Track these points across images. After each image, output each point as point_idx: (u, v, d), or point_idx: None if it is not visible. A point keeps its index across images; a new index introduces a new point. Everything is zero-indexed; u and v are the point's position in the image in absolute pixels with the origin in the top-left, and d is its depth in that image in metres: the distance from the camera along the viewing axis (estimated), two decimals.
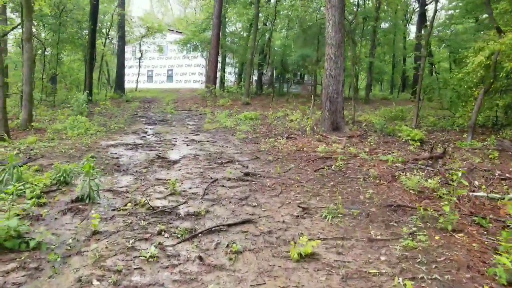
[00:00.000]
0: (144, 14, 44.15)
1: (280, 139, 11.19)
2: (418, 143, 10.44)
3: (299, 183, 6.98)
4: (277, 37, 35.60)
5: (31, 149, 8.47)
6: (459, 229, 5.04)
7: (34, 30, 21.59)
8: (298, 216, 5.49)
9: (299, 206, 5.82)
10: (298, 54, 24.93)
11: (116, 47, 29.55)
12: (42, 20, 20.82)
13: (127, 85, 41.84)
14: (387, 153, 9.20)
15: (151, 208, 5.33)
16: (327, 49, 12.90)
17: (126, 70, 43.78)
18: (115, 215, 5.02)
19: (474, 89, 12.25)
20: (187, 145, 10.75)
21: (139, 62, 35.11)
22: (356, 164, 8.22)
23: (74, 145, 9.51)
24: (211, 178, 7.16)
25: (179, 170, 7.80)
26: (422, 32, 27.34)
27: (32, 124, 12.11)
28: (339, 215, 5.50)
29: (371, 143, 10.49)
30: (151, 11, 56.45)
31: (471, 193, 6.48)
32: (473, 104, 11.84)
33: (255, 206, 5.78)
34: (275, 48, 33.03)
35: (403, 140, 11.02)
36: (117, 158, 8.59)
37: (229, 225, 4.97)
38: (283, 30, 32.78)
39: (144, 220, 4.89)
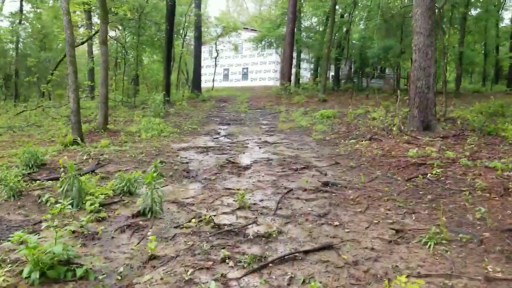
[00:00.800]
0: (219, 14, 44.79)
1: (362, 141, 9.99)
2: None
3: (389, 195, 5.86)
4: (355, 30, 33.65)
5: (101, 154, 8.40)
6: None
7: (117, 33, 22.66)
8: (390, 241, 4.44)
9: (391, 228, 4.75)
10: (379, 46, 23.07)
11: (193, 48, 30.05)
12: (123, 24, 21.66)
13: (204, 85, 42.85)
14: (493, 159, 7.59)
15: (217, 226, 4.65)
16: (415, 39, 11.34)
17: (203, 70, 44.85)
18: (176, 234, 4.42)
19: None
20: (260, 147, 10.06)
21: (215, 61, 35.52)
22: (457, 172, 6.81)
23: (145, 149, 9.32)
24: (285, 188, 6.34)
25: (250, 177, 7.10)
26: None
27: (108, 126, 12.33)
28: (444, 242, 4.35)
29: (472, 146, 8.82)
30: (227, 10, 57.29)
31: None
32: None
33: (336, 225, 4.83)
34: (353, 42, 31.21)
35: (510, 142, 9.20)
36: (187, 163, 8.17)
37: (306, 252, 4.10)
38: (362, 22, 30.81)
39: (207, 242, 4.22)
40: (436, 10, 11.98)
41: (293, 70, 29.66)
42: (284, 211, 5.28)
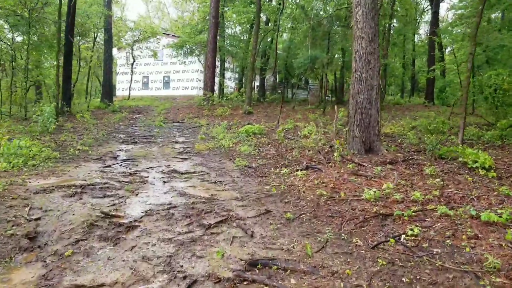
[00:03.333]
0: (138, 18, 40.80)
1: (297, 170, 7.61)
2: (494, 174, 6.91)
3: (356, 286, 3.45)
4: (280, 40, 32.12)
5: None
6: None
7: None
8: None
9: None
10: (305, 55, 21.46)
11: (103, 52, 26.05)
12: (9, 20, 17.36)
13: (121, 93, 38.35)
14: (470, 200, 5.63)
15: None
16: (355, 45, 9.39)
17: (120, 77, 40.34)
18: None
19: None
20: (164, 182, 7.21)
21: (131, 68, 31.68)
22: (441, 231, 4.57)
23: None
24: (185, 275, 3.63)
25: (133, 248, 4.26)
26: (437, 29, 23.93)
27: None
28: None
29: (433, 177, 6.86)
30: (147, 15, 53.10)
31: None
32: None
33: None
34: (278, 52, 29.56)
35: (469, 168, 7.49)
36: (37, 219, 5.06)
37: None
38: (287, 31, 29.31)
39: None
40: None
41: (217, 80, 27.07)
42: None
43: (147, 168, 8.44)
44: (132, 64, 31.54)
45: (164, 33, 35.89)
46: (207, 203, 5.81)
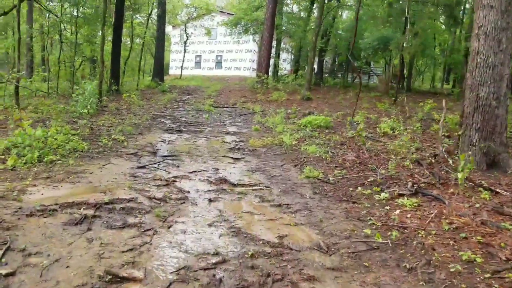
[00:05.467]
0: None
1: (400, 195, 5.11)
2: None
3: None
4: (341, 21, 28.78)
5: None
6: None
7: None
8: None
9: None
10: (375, 36, 18.32)
11: (156, 28, 24.36)
12: None
13: (174, 72, 36.96)
14: None
15: None
16: (478, 17, 6.53)
17: (173, 55, 38.92)
18: None
19: None
20: (210, 200, 5.03)
21: (184, 46, 29.95)
22: None
23: None
24: None
25: None
26: None
27: None
28: None
29: None
30: None
31: None
32: None
33: None
34: (339, 32, 26.36)
35: None
36: (9, 275, 3.07)
37: None
38: (347, 9, 25.99)
39: None
40: None
41: (272, 61, 24.55)
42: None
43: (190, 173, 6.33)
44: (185, 42, 29.80)
45: (219, 11, 33.69)
46: (274, 257, 3.52)
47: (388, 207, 4.76)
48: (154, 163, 6.83)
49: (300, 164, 6.98)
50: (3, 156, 6.30)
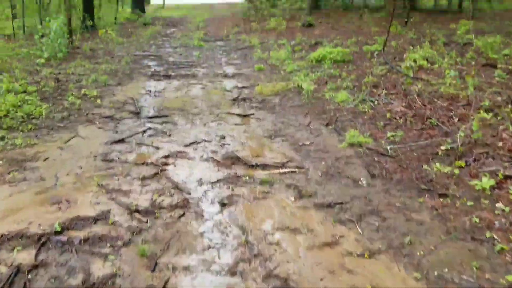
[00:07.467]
0: None
1: (507, 178, 3.32)
2: None
3: None
4: None
5: None
6: None
7: None
8: None
9: None
10: None
11: None
12: None
13: (156, 1, 32.74)
14: None
15: None
16: None
17: None
18: None
19: None
20: (224, 205, 3.20)
21: None
22: None
23: None
24: None
25: None
26: None
27: None
28: None
29: None
30: None
31: None
32: None
33: None
34: None
35: None
36: None
37: None
38: None
39: None
40: None
41: None
42: None
43: (187, 146, 4.42)
44: None
45: None
46: None
47: (503, 205, 2.98)
48: (137, 133, 4.86)
49: (332, 122, 5.06)
50: None
